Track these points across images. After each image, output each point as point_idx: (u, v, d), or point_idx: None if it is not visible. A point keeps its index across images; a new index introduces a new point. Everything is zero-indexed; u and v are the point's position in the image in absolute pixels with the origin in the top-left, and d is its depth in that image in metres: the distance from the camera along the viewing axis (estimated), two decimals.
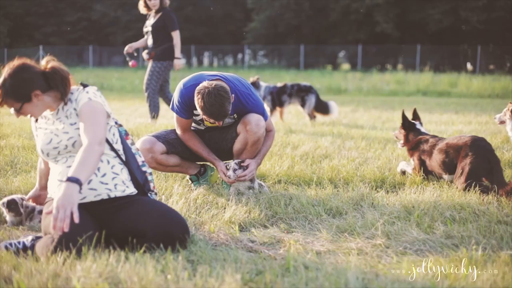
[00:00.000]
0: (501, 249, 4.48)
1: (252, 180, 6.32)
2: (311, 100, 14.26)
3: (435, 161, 6.82)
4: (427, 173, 6.99)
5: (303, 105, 14.37)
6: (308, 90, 14.41)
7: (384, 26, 56.04)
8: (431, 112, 18.19)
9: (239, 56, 70.25)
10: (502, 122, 10.41)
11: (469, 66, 56.73)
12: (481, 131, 12.39)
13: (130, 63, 12.51)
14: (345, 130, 11.63)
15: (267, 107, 13.84)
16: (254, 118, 6.20)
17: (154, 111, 12.72)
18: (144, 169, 4.93)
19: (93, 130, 4.31)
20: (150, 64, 12.59)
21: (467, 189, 6.20)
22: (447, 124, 14.08)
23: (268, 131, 6.51)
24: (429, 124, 14.11)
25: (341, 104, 20.90)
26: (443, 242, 4.61)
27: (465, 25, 54.58)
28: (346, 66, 64.08)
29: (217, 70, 9.61)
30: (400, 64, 58.28)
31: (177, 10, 63.62)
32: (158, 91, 12.71)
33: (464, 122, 14.84)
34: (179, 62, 12.60)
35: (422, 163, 7.01)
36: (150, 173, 4.99)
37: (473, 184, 6.16)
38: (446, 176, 6.70)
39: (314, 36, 61.53)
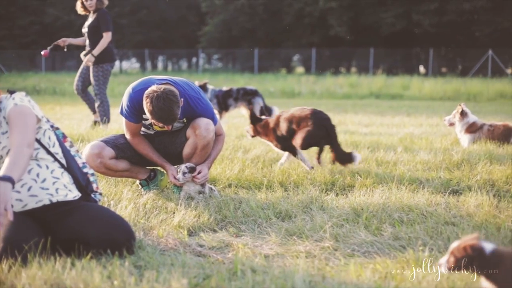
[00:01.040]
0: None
1: (203, 185, 6.30)
2: (260, 103, 14.32)
3: (283, 129, 7.84)
4: (290, 147, 7.92)
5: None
6: (255, 93, 14.53)
7: (338, 30, 56.41)
8: (383, 115, 18.38)
9: (194, 60, 70.04)
10: (452, 124, 10.58)
11: (421, 69, 57.49)
12: (432, 133, 12.56)
13: (42, 52, 12.15)
14: None
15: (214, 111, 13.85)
16: (203, 122, 6.19)
17: (106, 116, 12.64)
18: (85, 170, 4.87)
19: (20, 132, 4.23)
20: (91, 70, 12.48)
21: (304, 147, 7.65)
22: (398, 127, 14.23)
23: (218, 135, 6.51)
24: (381, 126, 14.25)
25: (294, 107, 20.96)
26: (390, 244, 4.65)
27: (418, 29, 55.21)
28: (300, 69, 64.31)
29: (172, 74, 9.59)
30: (353, 67, 58.81)
31: (131, 14, 63.41)
32: (107, 94, 12.66)
33: (415, 124, 15.02)
34: (90, 58, 12.42)
35: (278, 138, 8.00)
36: (92, 174, 4.93)
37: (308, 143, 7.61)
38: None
39: (268, 39, 61.66)
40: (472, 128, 10.27)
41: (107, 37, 12.37)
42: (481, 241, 3.38)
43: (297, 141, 7.63)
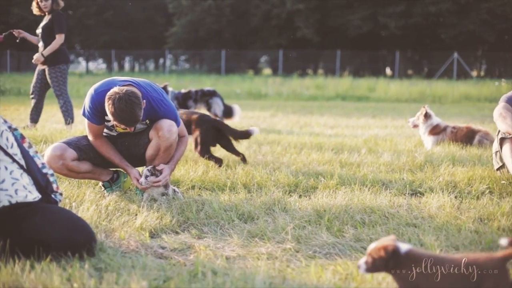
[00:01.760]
0: None
1: (166, 186, 6.28)
2: (218, 103, 14.36)
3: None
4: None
5: (209, 108, 14.45)
6: (212, 94, 14.57)
7: (305, 32, 56.68)
8: (349, 117, 18.46)
9: (161, 61, 69.85)
10: (416, 126, 10.68)
11: (388, 71, 57.92)
12: (396, 135, 12.65)
13: None
14: (262, 135, 11.66)
15: None
16: (166, 124, 6.17)
17: (70, 117, 12.55)
18: (44, 171, 4.81)
19: None
20: (47, 72, 12.39)
21: (205, 157, 8.10)
22: (363, 129, 14.31)
23: (181, 137, 6.49)
24: (346, 128, 14.31)
25: (260, 109, 21.04)
26: (352, 245, 4.68)
27: (384, 31, 55.66)
28: (267, 71, 64.42)
29: (138, 75, 9.53)
30: (320, 69, 59.05)
31: (97, 14, 63.02)
32: (68, 94, 12.57)
33: (380, 126, 15.11)
34: (39, 57, 12.32)
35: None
36: (52, 174, 4.87)
37: (207, 155, 8.11)
38: None
39: (235, 41, 61.73)
40: (435, 130, 10.37)
41: (59, 39, 12.29)
42: (397, 242, 3.45)
43: (197, 149, 8.22)
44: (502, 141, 7.06)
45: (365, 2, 55.29)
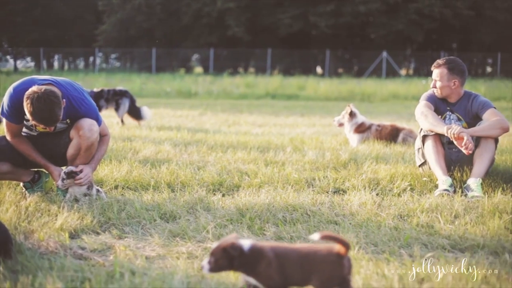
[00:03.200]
0: None
1: (89, 187, 6.20)
2: (125, 104, 14.20)
3: None
4: None
5: (117, 109, 14.30)
6: (123, 94, 14.37)
7: (236, 30, 56.67)
8: (278, 115, 18.56)
9: (91, 59, 68.95)
10: (341, 125, 10.82)
11: (319, 69, 58.37)
12: (323, 133, 12.78)
13: None
14: (189, 134, 11.64)
15: None
16: (87, 123, 6.10)
17: None
18: None
19: None
20: None
21: None
22: (291, 127, 14.42)
23: (103, 136, 6.43)
24: (274, 127, 14.38)
25: (189, 108, 20.96)
26: None
27: (315, 30, 56.02)
28: (199, 69, 64.23)
29: (68, 74, 9.41)
30: (251, 68, 59.18)
31: (26, 11, 61.80)
32: None
33: (308, 124, 15.25)
34: None
35: None
36: None
37: None
38: None
39: (166, 39, 61.36)
40: (360, 128, 10.53)
41: None
42: (239, 240, 3.50)
43: None
44: (424, 138, 7.21)
45: (296, 1, 55.53)
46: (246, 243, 3.47)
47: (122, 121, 14.28)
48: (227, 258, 3.42)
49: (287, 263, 3.44)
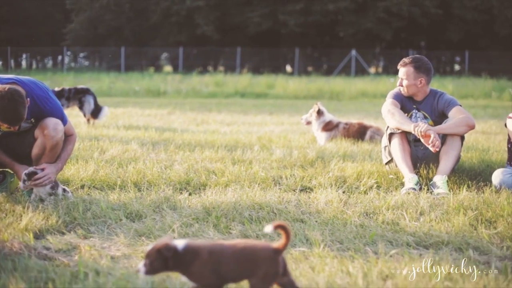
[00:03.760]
0: (294, 246, 4.64)
1: (54, 186, 6.15)
2: (90, 102, 14.09)
3: None
4: None
5: (81, 107, 14.16)
6: (86, 91, 14.26)
7: (205, 29, 56.60)
8: (246, 114, 18.56)
9: (59, 58, 68.40)
10: (309, 123, 10.86)
11: (288, 68, 58.47)
12: (291, 131, 12.82)
13: None
14: (157, 133, 11.60)
15: None
16: (51, 122, 6.06)
17: None
18: None
19: None
20: None
21: None
22: (260, 125, 14.42)
23: (69, 135, 6.38)
24: (243, 125, 14.38)
25: (158, 107, 20.89)
26: None
27: (284, 29, 56.11)
28: (168, 68, 64.05)
29: (36, 73, 9.32)
30: (221, 66, 59.15)
31: None
32: None
33: (276, 123, 15.28)
34: None
35: None
36: None
37: None
38: None
39: (135, 38, 61.11)
40: (328, 127, 10.58)
41: None
42: (172, 241, 3.50)
43: None
44: (391, 136, 7.26)
45: None
46: (180, 243, 3.48)
47: (88, 120, 14.15)
48: (161, 259, 3.42)
49: (222, 261, 3.46)
